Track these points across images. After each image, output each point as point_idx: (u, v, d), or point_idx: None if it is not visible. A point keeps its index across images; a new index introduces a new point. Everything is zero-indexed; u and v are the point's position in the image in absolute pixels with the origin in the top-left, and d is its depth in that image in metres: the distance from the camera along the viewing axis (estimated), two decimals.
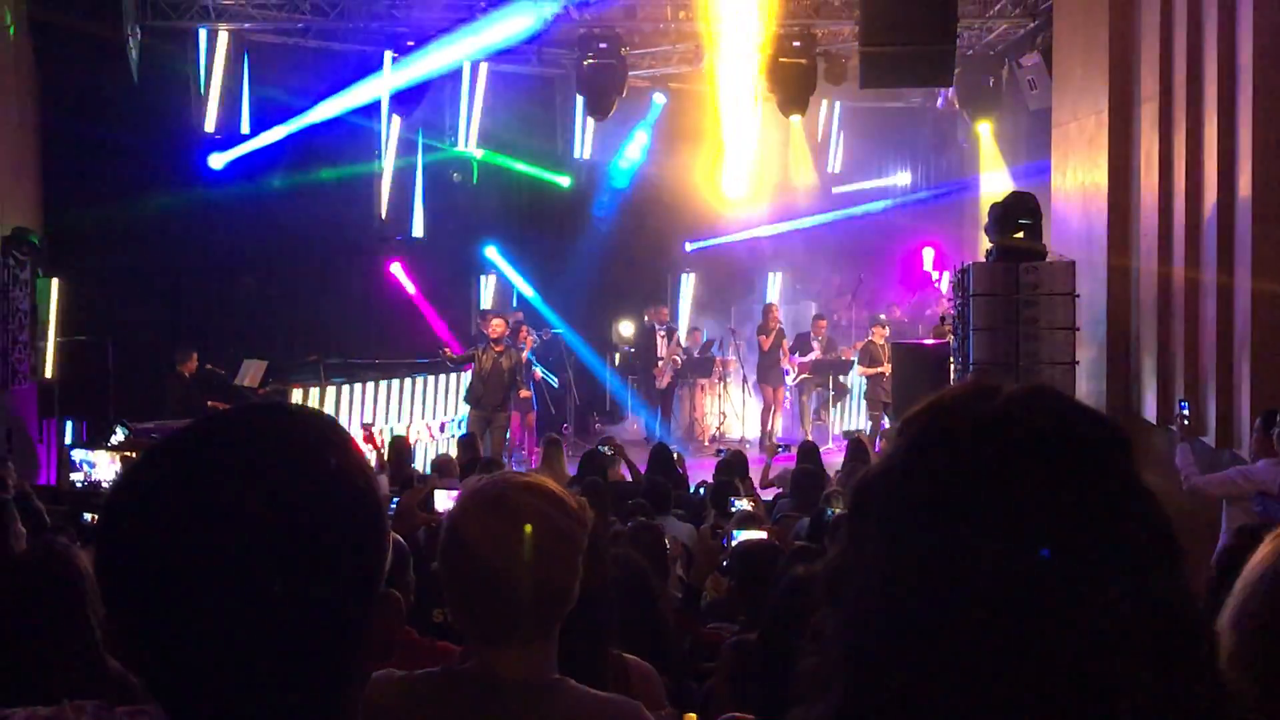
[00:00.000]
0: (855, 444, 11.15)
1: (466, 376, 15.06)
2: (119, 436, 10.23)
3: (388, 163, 16.06)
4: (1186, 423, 7.62)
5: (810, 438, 15.09)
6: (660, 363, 16.41)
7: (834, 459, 13.22)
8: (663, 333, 16.56)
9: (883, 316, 16.64)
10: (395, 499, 7.84)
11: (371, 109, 15.49)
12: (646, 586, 4.04)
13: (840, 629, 1.04)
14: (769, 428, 16.33)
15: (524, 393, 14.14)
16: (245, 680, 1.05)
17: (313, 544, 1.06)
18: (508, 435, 14.58)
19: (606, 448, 10.76)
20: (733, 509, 7.93)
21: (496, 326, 13.81)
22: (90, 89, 12.73)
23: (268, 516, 1.05)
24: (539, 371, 15.63)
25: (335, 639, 1.08)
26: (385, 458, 10.50)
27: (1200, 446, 8.04)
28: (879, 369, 15.40)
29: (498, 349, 13.64)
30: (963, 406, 1.05)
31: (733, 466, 10.10)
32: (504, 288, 17.63)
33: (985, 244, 10.17)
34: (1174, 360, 9.11)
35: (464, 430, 14.55)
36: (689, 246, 18.71)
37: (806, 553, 3.59)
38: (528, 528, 1.95)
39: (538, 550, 1.96)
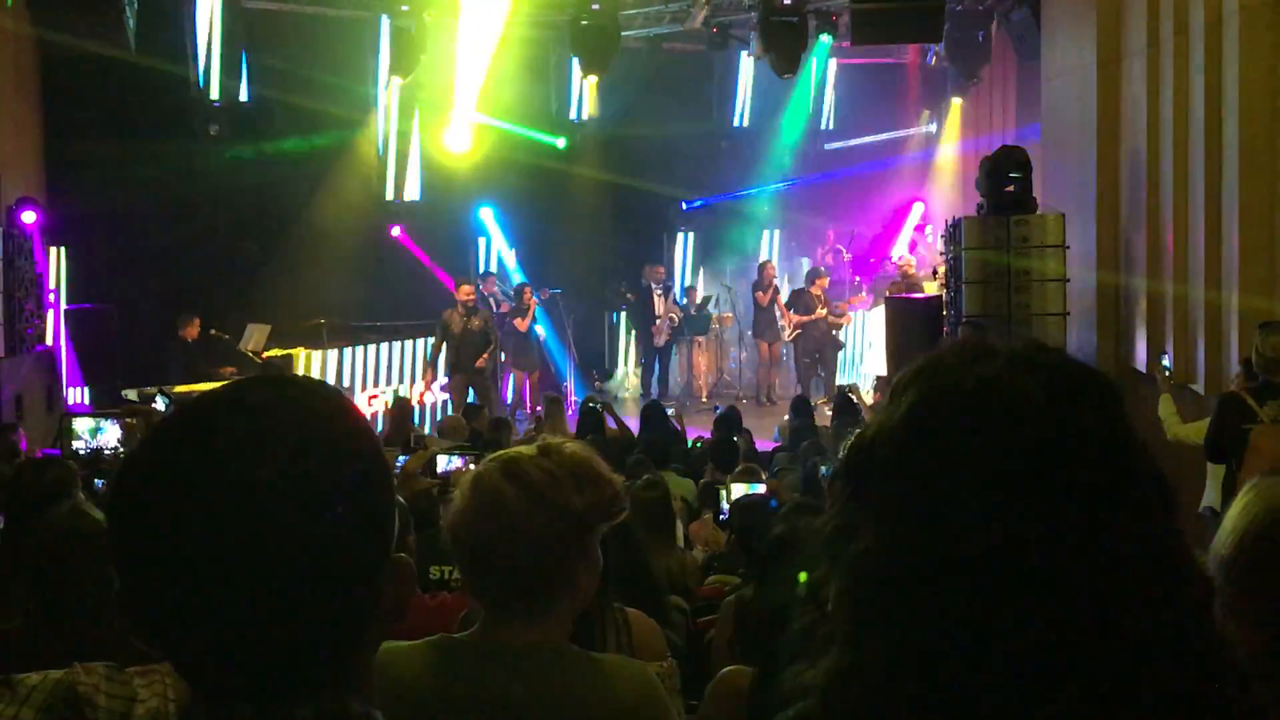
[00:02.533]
0: (843, 398, 11.15)
1: None
2: (159, 405, 10.24)
3: (388, 126, 15.98)
4: (1169, 374, 7.62)
5: (805, 390, 15.14)
6: (658, 320, 16.40)
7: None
8: (659, 291, 16.53)
9: (822, 269, 16.67)
10: (402, 457, 7.86)
11: (369, 73, 15.40)
12: (633, 542, 4.03)
13: (841, 590, 1.04)
14: (768, 381, 16.38)
15: (481, 360, 13.95)
16: (259, 647, 1.05)
17: (324, 512, 1.06)
18: (510, 394, 14.62)
19: (593, 403, 10.82)
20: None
21: (465, 292, 13.81)
22: (89, 58, 12.65)
23: (280, 485, 1.04)
24: (541, 329, 15.65)
25: (348, 605, 1.08)
26: (389, 418, 10.54)
27: (1190, 395, 8.05)
28: (811, 317, 15.70)
29: (460, 311, 13.62)
30: (962, 368, 1.04)
31: (730, 422, 10.11)
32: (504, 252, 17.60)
33: (976, 199, 10.13)
34: (1163, 310, 9.10)
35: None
36: (684, 205, 18.67)
37: (801, 508, 3.57)
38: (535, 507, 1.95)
39: (544, 523, 1.94)
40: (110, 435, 7.92)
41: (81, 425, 7.85)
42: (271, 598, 1.03)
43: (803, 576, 2.57)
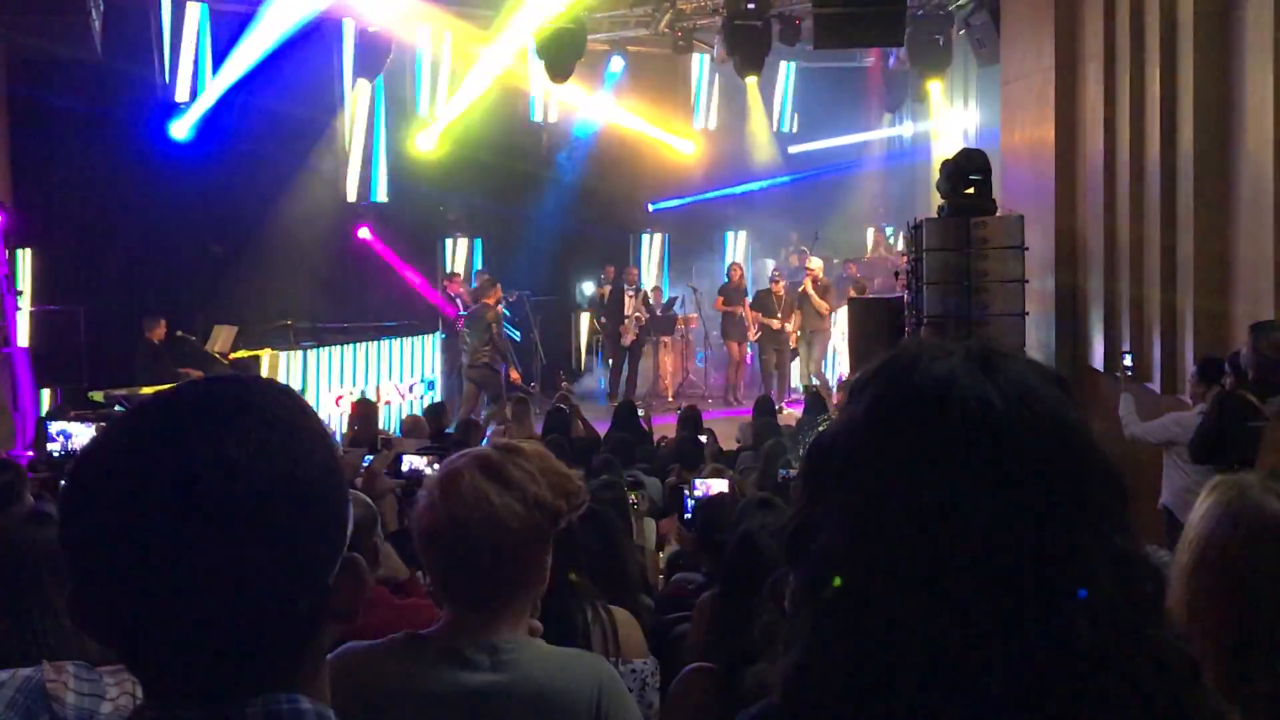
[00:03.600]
0: (813, 397, 11.19)
1: (434, 339, 15.00)
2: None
3: (352, 128, 15.90)
4: (1130, 372, 7.67)
5: (768, 389, 15.18)
6: (626, 320, 16.41)
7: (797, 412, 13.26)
8: (631, 292, 16.57)
9: (774, 271, 16.76)
10: (368, 457, 7.82)
11: (335, 74, 15.32)
12: (613, 541, 4.04)
13: (800, 589, 1.04)
14: (732, 381, 16.41)
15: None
16: (209, 645, 1.04)
17: (278, 510, 1.05)
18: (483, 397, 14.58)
19: (563, 404, 10.81)
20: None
21: (497, 294, 14.16)
22: (55, 60, 12.52)
23: (230, 486, 1.03)
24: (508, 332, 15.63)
25: (300, 603, 1.07)
26: (354, 419, 10.47)
27: (1145, 393, 8.12)
28: (770, 321, 15.80)
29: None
30: (920, 368, 1.04)
31: (692, 420, 10.12)
32: (469, 249, 17.55)
33: (937, 200, 10.17)
34: (1119, 310, 9.17)
35: (433, 391, 14.54)
36: (651, 207, 18.69)
37: (763, 504, 3.58)
38: (512, 510, 1.95)
39: (483, 510, 1.95)
40: (86, 439, 7.83)
41: (58, 428, 7.76)
42: (223, 595, 1.02)
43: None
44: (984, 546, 0.95)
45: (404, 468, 7.09)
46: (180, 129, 14.18)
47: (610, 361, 16.82)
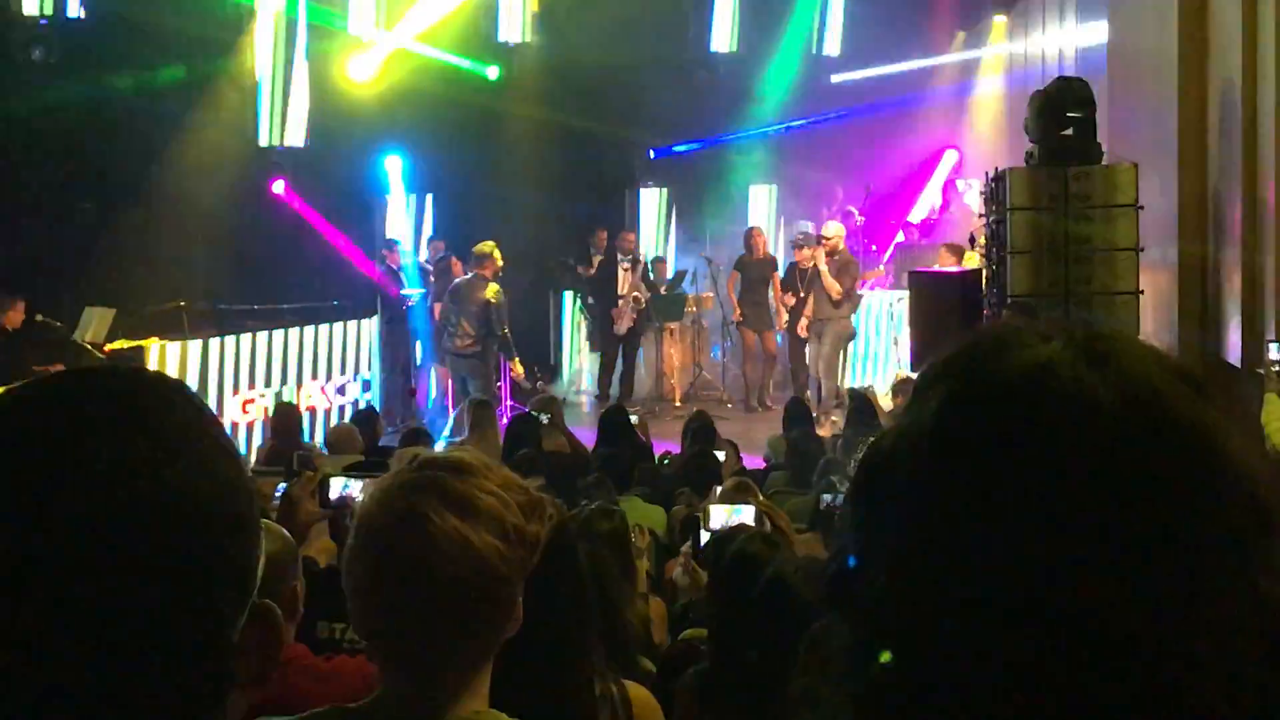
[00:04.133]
0: (859, 403, 11.18)
1: (373, 325, 15.00)
2: None
3: (264, 52, 15.89)
4: (1278, 368, 7.67)
5: (808, 395, 15.17)
6: (620, 301, 16.40)
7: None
8: (626, 264, 16.54)
9: (809, 229, 16.67)
10: (282, 485, 7.81)
11: None
12: (607, 586, 4.04)
13: (849, 645, 1.03)
14: (760, 382, 16.38)
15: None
16: (80, 711, 1.02)
17: (157, 550, 1.04)
18: (429, 394, 14.62)
19: (544, 413, 10.76)
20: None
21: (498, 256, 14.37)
22: None
23: (91, 518, 1.02)
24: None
25: (192, 671, 1.07)
26: (270, 430, 10.48)
27: None
28: (794, 298, 15.78)
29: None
30: (1006, 358, 1.03)
31: (704, 431, 10.12)
32: (417, 210, 17.55)
33: (1024, 145, 10.17)
34: (1262, 289, 9.17)
35: (370, 391, 14.56)
36: (653, 154, 18.69)
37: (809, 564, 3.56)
38: (466, 534, 1.96)
39: (466, 557, 1.96)
40: None
41: None
42: (82, 664, 1.01)
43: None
44: (1085, 594, 0.95)
45: (332, 493, 7.08)
46: (36, 53, 14.16)
47: (601, 355, 16.82)
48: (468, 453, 2.13)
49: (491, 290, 14.14)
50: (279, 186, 15.96)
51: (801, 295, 15.84)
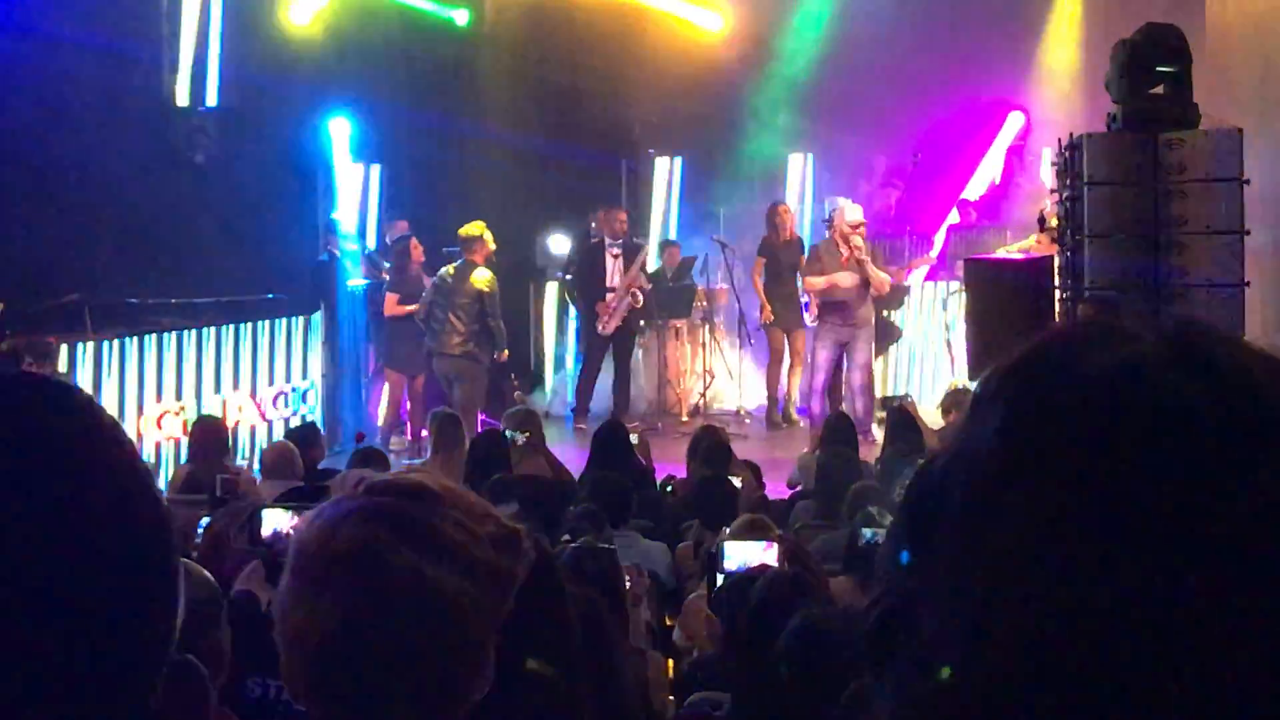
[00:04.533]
0: (896, 417, 11.18)
1: (313, 323, 15.00)
2: None
3: None
4: None
5: (843, 407, 15.15)
6: (609, 295, 16.34)
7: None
8: (616, 250, 16.45)
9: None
10: (206, 518, 7.82)
11: None
12: (600, 639, 4.04)
13: (898, 706, 1.03)
14: (783, 393, 16.35)
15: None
16: None
17: (45, 594, 1.05)
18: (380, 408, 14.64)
19: (518, 432, 10.70)
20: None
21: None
22: None
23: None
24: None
25: None
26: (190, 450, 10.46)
27: None
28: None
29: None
30: (1084, 360, 1.03)
31: (715, 451, 10.09)
32: (363, 183, 17.48)
33: (1106, 106, 10.18)
34: None
35: (312, 403, 14.56)
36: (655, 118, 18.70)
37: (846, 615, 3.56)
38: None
39: (426, 600, 1.96)
40: None
41: None
42: None
43: None
44: (1187, 641, 0.95)
45: (265, 528, 7.07)
46: None
47: (583, 360, 16.83)
48: (427, 475, 2.12)
49: (484, 279, 14.18)
50: (199, 157, 15.93)
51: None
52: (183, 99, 16.15)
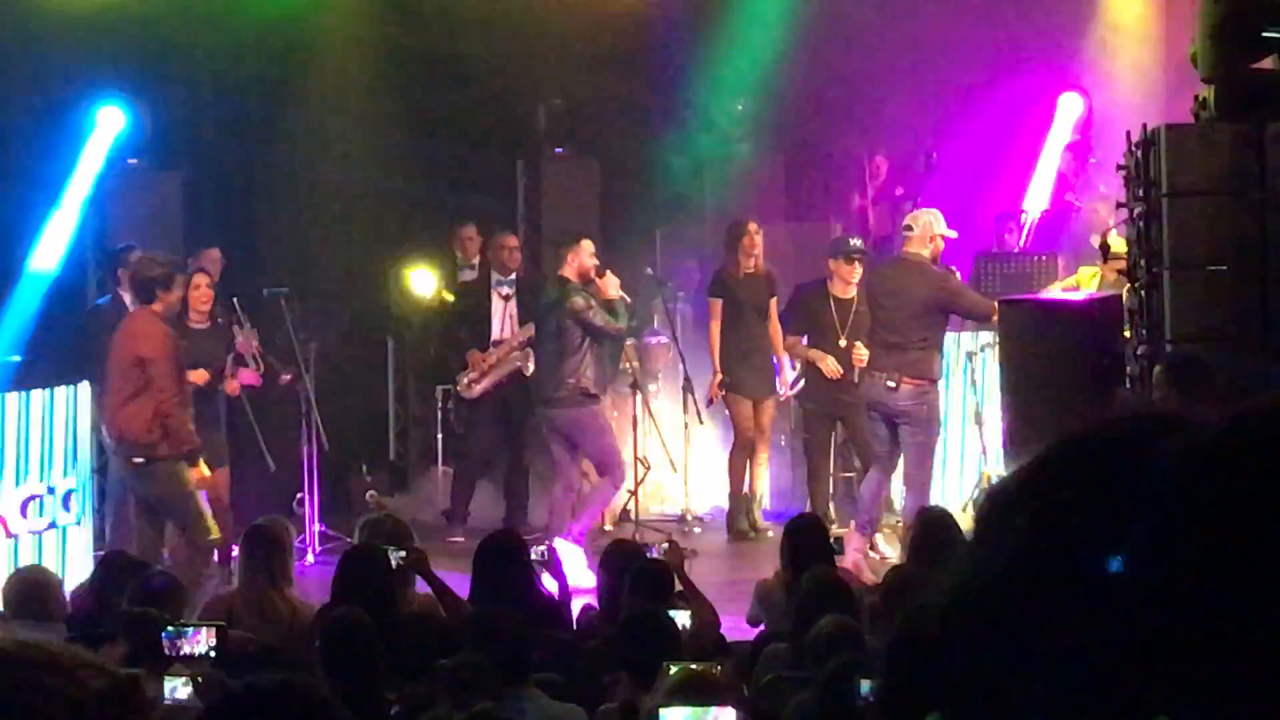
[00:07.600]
0: (922, 528, 11.10)
1: (81, 396, 14.96)
2: None
3: None
4: None
5: (819, 504, 15.23)
6: (493, 351, 16.42)
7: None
8: (506, 289, 16.62)
9: (844, 238, 16.62)
10: None
11: None
12: None
13: None
14: (745, 489, 16.39)
15: None
16: None
17: None
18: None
19: (398, 550, 10.60)
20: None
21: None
22: None
23: None
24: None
25: None
26: None
27: None
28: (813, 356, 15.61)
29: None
30: (1141, 464, 1.04)
31: (648, 578, 10.06)
32: (159, 198, 17.45)
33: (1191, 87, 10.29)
34: None
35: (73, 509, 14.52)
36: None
37: None
38: None
39: None
40: None
41: None
42: None
43: None
44: None
45: None
46: None
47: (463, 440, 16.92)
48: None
49: (581, 303, 14.15)
50: None
51: (843, 337, 15.66)
52: None
